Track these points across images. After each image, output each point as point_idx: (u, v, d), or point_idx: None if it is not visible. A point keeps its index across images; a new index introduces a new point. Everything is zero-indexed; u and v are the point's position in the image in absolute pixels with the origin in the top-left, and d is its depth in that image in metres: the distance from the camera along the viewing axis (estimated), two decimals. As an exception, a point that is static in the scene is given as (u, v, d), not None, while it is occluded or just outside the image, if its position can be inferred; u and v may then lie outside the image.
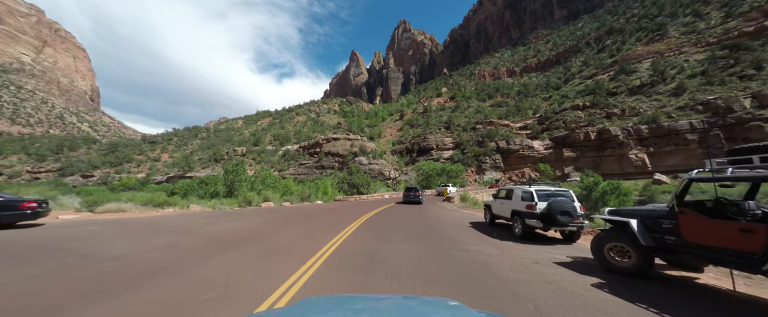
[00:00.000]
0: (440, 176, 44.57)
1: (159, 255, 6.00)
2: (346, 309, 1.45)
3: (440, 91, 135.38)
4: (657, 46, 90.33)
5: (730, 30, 74.65)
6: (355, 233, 9.07)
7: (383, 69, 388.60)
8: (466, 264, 5.96)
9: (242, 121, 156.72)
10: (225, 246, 7.06)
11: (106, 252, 6.15)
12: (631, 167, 50.25)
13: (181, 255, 6.12)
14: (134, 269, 5.00)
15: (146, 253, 6.16)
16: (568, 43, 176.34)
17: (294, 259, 6.00)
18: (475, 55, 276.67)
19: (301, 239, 8.17)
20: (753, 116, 44.03)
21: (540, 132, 63.21)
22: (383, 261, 5.97)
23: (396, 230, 9.48)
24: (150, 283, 4.30)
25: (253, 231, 9.21)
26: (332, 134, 78.13)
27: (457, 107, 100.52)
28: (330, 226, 10.19)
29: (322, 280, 4.74)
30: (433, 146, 69.81)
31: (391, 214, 14.04)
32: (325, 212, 14.79)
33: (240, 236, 8.52)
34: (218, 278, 4.66)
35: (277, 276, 4.84)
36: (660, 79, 61.33)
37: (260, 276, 4.86)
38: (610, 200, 24.49)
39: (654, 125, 50.52)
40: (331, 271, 5.24)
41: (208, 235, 8.51)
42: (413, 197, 23.58)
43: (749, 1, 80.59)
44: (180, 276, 4.67)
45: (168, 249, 6.57)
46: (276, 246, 7.25)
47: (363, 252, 6.79)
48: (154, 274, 4.74)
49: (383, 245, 7.69)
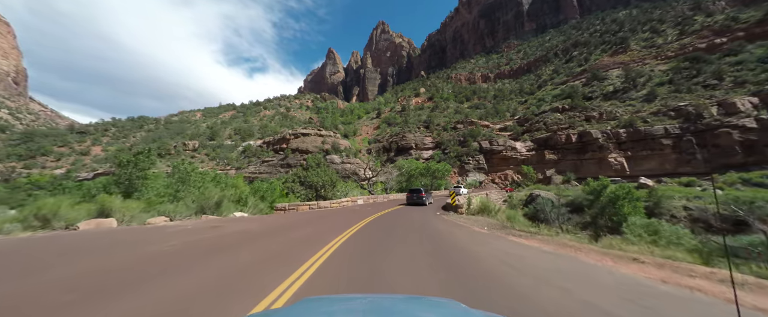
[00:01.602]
0: (424, 177, 39.58)
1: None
2: (345, 309, 1.46)
3: (418, 91, 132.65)
4: (621, 57, 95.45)
5: (685, 45, 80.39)
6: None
7: (360, 69, 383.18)
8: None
9: (201, 113, 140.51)
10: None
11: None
12: (611, 171, 49.56)
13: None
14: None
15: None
16: (538, 54, 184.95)
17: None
18: (452, 60, 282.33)
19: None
20: (721, 123, 45.19)
21: (521, 134, 61.51)
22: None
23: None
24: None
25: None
26: (301, 130, 70.28)
27: (435, 107, 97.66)
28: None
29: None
30: (411, 145, 65.17)
31: (365, 261, 5.55)
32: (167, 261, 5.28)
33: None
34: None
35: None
36: (632, 85, 62.85)
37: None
38: (624, 207, 20.89)
39: (631, 129, 50.47)
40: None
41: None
42: (417, 199, 22.30)
43: (700, 21, 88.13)
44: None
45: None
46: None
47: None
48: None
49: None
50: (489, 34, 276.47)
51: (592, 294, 3.99)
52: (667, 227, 15.06)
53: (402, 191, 36.79)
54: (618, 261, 6.08)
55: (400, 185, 36.71)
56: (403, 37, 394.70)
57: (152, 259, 5.28)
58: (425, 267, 5.25)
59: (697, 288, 4.30)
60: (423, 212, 17.06)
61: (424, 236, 8.87)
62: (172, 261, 5.21)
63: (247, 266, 5.06)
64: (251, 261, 5.46)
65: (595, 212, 23.60)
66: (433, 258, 5.94)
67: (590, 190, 24.07)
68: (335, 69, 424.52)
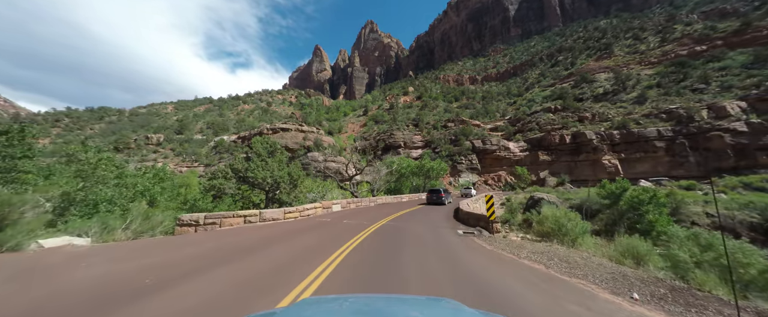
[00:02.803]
0: (416, 176, 35.70)
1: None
2: (345, 309, 1.46)
3: (407, 90, 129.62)
4: (607, 62, 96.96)
5: (667, 52, 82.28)
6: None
7: (348, 67, 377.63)
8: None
9: (173, 106, 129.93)
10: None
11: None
12: (604, 173, 48.00)
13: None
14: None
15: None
16: (524, 58, 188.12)
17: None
18: (439, 62, 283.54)
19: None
20: (712, 126, 44.74)
21: (513, 134, 59.36)
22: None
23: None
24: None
25: None
26: (281, 124, 64.61)
27: (424, 105, 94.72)
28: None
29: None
30: (400, 143, 61.36)
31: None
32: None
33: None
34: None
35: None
36: (621, 88, 62.49)
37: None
38: (649, 213, 17.89)
39: (625, 130, 49.31)
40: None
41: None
42: (436, 199, 23.01)
43: (680, 29, 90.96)
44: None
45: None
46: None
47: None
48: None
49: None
50: (476, 38, 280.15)
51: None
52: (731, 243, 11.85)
53: (391, 192, 32.68)
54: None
55: (388, 185, 32.58)
56: (391, 38, 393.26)
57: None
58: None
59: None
60: (436, 231, 10.92)
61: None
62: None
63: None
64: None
65: (613, 217, 20.56)
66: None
67: (607, 193, 21.09)
68: (322, 67, 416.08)
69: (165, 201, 11.49)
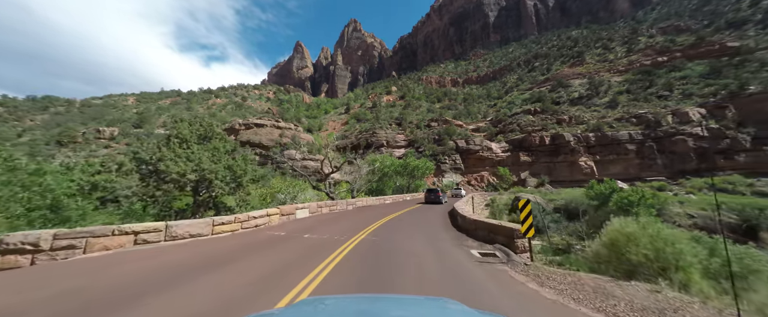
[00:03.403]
0: (400, 176, 33.78)
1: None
2: (345, 309, 1.47)
3: (390, 89, 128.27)
4: (579, 69, 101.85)
5: (633, 61, 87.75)
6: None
7: (330, 65, 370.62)
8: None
9: (135, 98, 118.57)
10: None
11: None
12: (581, 174, 49.26)
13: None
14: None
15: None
16: (503, 63, 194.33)
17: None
18: (422, 64, 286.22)
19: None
20: (677, 131, 47.40)
21: (495, 134, 59.70)
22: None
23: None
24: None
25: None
26: (255, 120, 60.24)
27: (407, 105, 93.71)
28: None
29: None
30: (383, 142, 59.48)
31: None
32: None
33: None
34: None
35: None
36: (595, 93, 65.13)
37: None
38: (640, 213, 17.35)
39: (599, 133, 51.00)
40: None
41: None
42: (434, 198, 24.35)
43: (644, 40, 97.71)
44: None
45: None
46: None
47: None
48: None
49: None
50: (458, 42, 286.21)
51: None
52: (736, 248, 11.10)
53: (373, 193, 30.49)
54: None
55: (370, 185, 30.38)
56: (375, 38, 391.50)
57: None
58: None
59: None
60: (440, 253, 7.51)
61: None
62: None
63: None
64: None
65: (600, 219, 19.94)
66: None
67: (596, 194, 20.51)
68: (303, 63, 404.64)
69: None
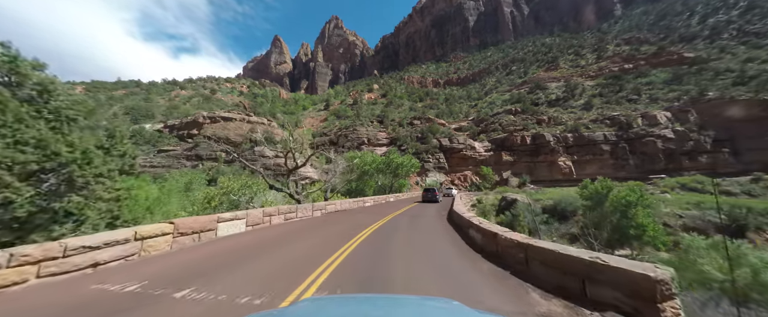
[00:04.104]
0: (382, 173, 30.88)
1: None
2: (345, 309, 1.48)
3: (372, 87, 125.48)
4: (554, 73, 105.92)
5: (603, 68, 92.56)
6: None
7: (310, 62, 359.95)
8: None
9: (84, 87, 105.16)
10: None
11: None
12: (560, 174, 49.84)
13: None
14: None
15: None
16: (482, 66, 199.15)
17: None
18: (404, 64, 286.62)
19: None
20: (647, 133, 49.46)
21: (477, 134, 59.18)
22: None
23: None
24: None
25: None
26: (223, 113, 54.78)
27: (390, 103, 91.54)
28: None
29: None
30: (364, 140, 56.67)
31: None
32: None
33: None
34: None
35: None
36: (571, 95, 67.04)
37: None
38: (637, 215, 16.26)
39: (576, 134, 51.96)
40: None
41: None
42: (431, 197, 24.63)
43: (611, 49, 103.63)
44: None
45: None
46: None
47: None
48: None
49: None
50: (439, 44, 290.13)
51: None
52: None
53: (351, 194, 27.48)
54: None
55: (349, 185, 27.25)
56: (356, 36, 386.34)
57: None
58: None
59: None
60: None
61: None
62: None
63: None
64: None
65: (595, 220, 18.77)
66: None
67: (590, 193, 19.35)
68: (282, 59, 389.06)
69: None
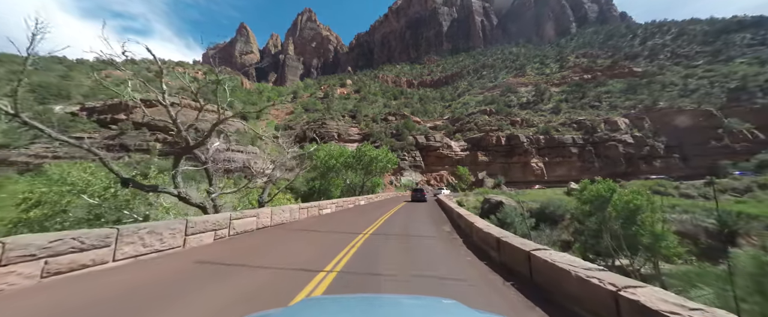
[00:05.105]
0: (351, 170, 25.88)
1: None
2: (345, 309, 1.49)
3: (345, 82, 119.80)
4: (523, 79, 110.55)
5: (565, 77, 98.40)
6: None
7: (280, 54, 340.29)
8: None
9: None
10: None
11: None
12: (532, 176, 49.89)
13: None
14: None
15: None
16: (454, 70, 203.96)
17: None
18: (379, 63, 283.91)
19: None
20: (609, 137, 51.70)
21: (453, 133, 57.59)
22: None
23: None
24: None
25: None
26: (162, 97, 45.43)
27: (363, 98, 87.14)
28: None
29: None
30: (334, 134, 51.69)
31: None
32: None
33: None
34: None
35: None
36: (540, 99, 68.92)
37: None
38: (647, 222, 14.21)
39: (548, 136, 52.63)
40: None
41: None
42: (420, 197, 24.65)
43: (572, 60, 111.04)
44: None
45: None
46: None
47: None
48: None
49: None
50: (414, 46, 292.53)
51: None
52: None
53: (311, 196, 22.19)
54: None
55: (308, 185, 22.19)
56: (331, 32, 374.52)
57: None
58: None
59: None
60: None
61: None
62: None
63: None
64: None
65: (593, 227, 16.59)
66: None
67: (591, 196, 17.17)
68: (248, 48, 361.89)
69: None
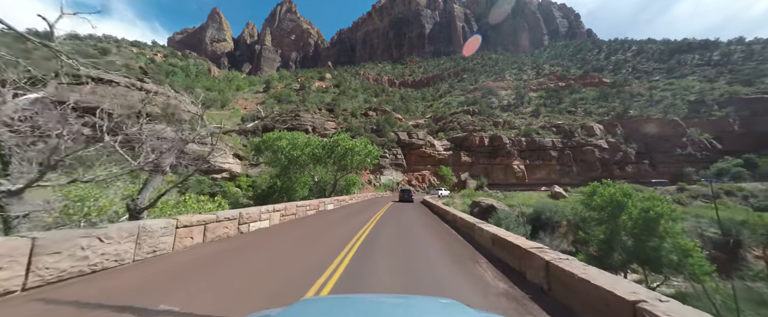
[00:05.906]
0: (321, 165, 20.72)
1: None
2: (344, 309, 1.49)
3: (324, 76, 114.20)
4: (501, 83, 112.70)
5: (542, 83, 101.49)
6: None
7: (256, 44, 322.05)
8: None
9: None
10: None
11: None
12: (514, 178, 49.07)
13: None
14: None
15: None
16: (435, 72, 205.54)
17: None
18: (360, 60, 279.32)
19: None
20: (586, 142, 52.52)
21: (436, 131, 55.46)
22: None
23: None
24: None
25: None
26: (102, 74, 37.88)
27: (343, 93, 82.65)
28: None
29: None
30: (307, 127, 47.07)
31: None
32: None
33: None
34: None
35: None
36: (520, 102, 69.32)
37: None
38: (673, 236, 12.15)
39: (529, 138, 52.26)
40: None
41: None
42: (408, 197, 24.08)
43: (548, 68, 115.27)
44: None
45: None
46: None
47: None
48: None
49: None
50: (396, 46, 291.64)
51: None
52: None
53: (270, 197, 17.87)
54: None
55: (272, 182, 17.91)
56: (312, 25, 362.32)
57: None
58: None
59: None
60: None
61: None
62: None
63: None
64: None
65: (603, 236, 14.40)
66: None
67: (603, 202, 14.99)
68: (221, 36, 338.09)
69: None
